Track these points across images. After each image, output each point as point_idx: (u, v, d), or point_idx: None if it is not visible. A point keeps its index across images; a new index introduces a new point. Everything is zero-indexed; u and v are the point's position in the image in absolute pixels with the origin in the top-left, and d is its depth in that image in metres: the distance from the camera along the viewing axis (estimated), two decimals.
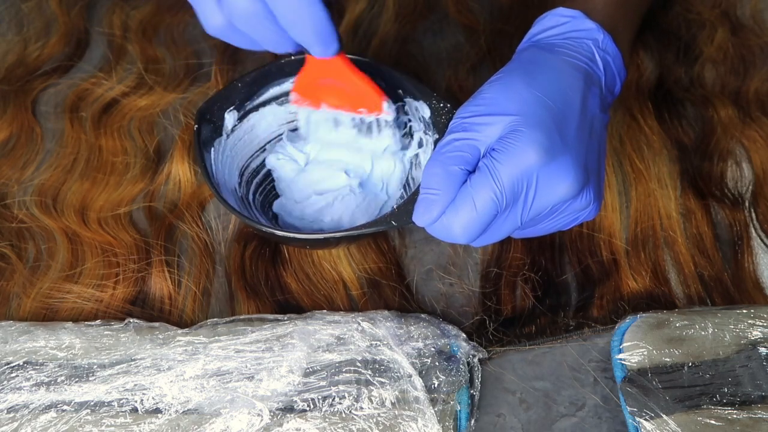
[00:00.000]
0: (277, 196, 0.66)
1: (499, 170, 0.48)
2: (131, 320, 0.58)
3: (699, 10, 0.78)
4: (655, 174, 0.66)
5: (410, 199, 0.54)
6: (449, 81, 0.74)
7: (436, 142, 0.61)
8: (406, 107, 0.64)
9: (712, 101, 0.71)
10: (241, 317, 0.58)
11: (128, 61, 0.76)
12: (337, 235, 0.57)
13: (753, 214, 0.64)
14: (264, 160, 0.66)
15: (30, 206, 0.65)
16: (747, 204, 0.65)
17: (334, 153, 0.65)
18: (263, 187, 0.66)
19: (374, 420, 0.52)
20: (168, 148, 0.69)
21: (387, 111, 0.61)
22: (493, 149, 0.49)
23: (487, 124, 0.50)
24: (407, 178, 0.65)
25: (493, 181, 0.48)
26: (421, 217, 0.50)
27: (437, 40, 0.78)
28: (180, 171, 0.67)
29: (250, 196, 0.64)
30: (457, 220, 0.49)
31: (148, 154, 0.69)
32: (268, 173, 0.66)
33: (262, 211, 0.64)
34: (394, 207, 0.56)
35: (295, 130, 0.67)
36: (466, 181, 0.49)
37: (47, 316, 0.60)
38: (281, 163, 0.65)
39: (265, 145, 0.66)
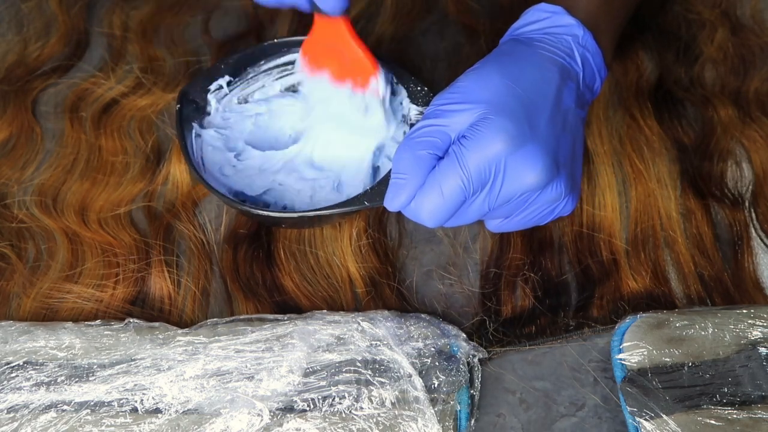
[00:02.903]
0: None
1: (466, 156, 0.49)
2: (131, 320, 0.58)
3: (699, 10, 0.78)
4: (655, 174, 0.66)
5: (384, 180, 0.55)
6: (449, 82, 0.74)
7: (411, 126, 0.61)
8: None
9: (712, 101, 0.71)
10: (241, 317, 0.58)
11: (128, 61, 0.76)
12: (310, 213, 0.57)
13: (753, 214, 0.64)
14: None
15: (30, 206, 0.65)
16: (747, 204, 0.65)
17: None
18: None
19: (374, 420, 0.52)
20: (167, 148, 0.69)
21: (374, 87, 0.60)
22: (463, 136, 0.50)
23: (459, 111, 0.50)
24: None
25: (460, 167, 0.49)
26: (390, 201, 0.51)
27: (437, 40, 0.77)
28: (177, 171, 0.67)
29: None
30: (425, 205, 0.50)
31: (147, 154, 0.69)
32: None
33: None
34: (368, 188, 0.57)
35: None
36: (435, 166, 0.50)
37: (47, 316, 0.60)
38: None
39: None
